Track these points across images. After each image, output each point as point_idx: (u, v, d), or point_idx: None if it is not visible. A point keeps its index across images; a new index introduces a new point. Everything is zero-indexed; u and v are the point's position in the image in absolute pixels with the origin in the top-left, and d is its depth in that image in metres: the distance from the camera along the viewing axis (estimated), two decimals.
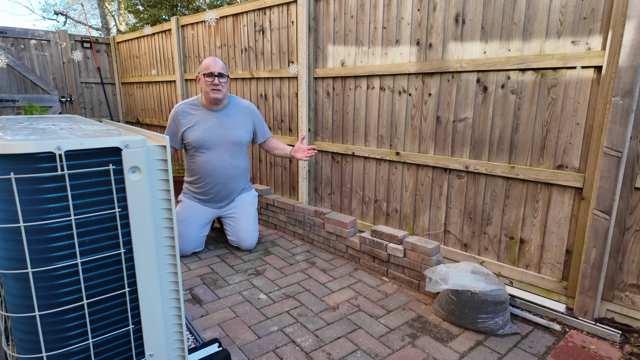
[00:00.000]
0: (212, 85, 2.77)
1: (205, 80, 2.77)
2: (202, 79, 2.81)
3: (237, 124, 2.94)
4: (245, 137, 2.98)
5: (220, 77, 2.78)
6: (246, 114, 3.01)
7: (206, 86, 2.79)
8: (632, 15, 1.79)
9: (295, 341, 1.97)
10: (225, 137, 2.89)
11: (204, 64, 2.80)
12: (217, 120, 2.89)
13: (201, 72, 2.80)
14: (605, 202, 1.96)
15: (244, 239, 3.04)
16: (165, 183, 1.26)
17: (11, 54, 5.59)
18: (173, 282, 1.33)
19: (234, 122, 2.93)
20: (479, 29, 2.32)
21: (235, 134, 2.91)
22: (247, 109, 3.04)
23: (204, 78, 2.78)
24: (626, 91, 1.84)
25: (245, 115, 3.00)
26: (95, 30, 14.66)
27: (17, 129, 1.40)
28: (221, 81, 2.79)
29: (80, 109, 6.38)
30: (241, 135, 2.94)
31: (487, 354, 1.87)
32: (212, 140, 2.85)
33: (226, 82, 2.84)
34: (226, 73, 2.83)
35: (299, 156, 2.89)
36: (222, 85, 2.80)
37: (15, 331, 1.14)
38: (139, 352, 1.31)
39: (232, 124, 2.92)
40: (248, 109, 3.04)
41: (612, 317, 2.07)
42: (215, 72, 2.75)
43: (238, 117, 2.96)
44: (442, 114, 2.57)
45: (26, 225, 1.05)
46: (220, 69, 2.78)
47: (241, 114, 2.98)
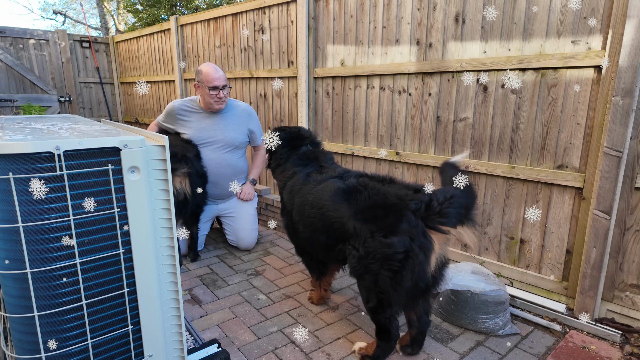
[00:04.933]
0: (216, 99, 2.79)
1: (209, 93, 2.76)
2: (203, 89, 2.79)
3: (230, 126, 2.93)
4: (239, 139, 2.96)
5: (224, 89, 2.80)
6: (242, 116, 3.00)
7: (210, 98, 2.78)
8: (632, 15, 1.79)
9: (295, 341, 1.96)
10: (216, 138, 2.89)
11: (205, 76, 2.76)
12: (210, 121, 2.90)
13: (203, 83, 2.76)
14: (605, 202, 1.96)
15: (243, 238, 3.03)
16: (165, 183, 1.25)
17: (10, 54, 5.58)
18: (172, 282, 1.33)
19: (227, 124, 2.92)
20: (479, 28, 2.32)
21: (227, 135, 2.90)
22: (244, 111, 3.03)
23: (208, 91, 2.76)
24: (626, 91, 1.84)
25: (240, 118, 2.99)
26: (94, 30, 14.63)
27: (16, 129, 1.39)
28: (224, 93, 2.82)
29: (79, 109, 6.36)
30: (233, 137, 2.93)
31: (487, 355, 1.87)
32: (202, 140, 2.86)
33: (228, 92, 2.87)
34: (228, 83, 2.84)
35: (238, 195, 3.09)
36: (226, 96, 2.85)
37: (14, 332, 1.13)
38: (138, 353, 1.30)
39: (224, 126, 2.91)
40: (245, 111, 3.04)
41: (613, 317, 2.07)
42: (219, 85, 2.76)
43: (232, 119, 2.95)
44: (442, 114, 2.56)
45: (25, 225, 1.04)
46: (224, 80, 2.79)
47: (236, 116, 2.98)
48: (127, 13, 10.56)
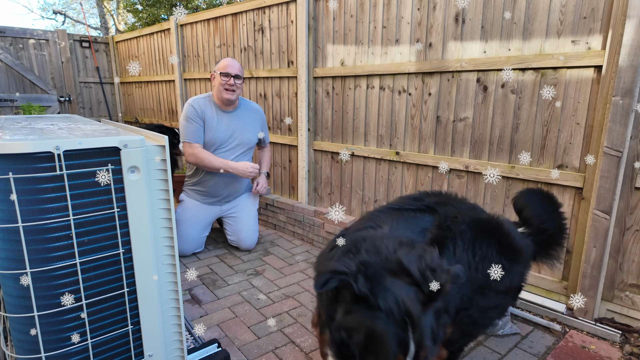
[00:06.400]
0: (227, 85, 2.79)
1: (220, 79, 2.78)
2: (217, 77, 2.81)
3: (247, 127, 2.96)
4: (254, 140, 3.03)
5: (237, 78, 2.80)
6: (256, 117, 3.06)
7: (220, 85, 2.80)
8: (632, 14, 1.79)
9: (295, 341, 1.96)
10: (234, 139, 2.91)
11: (221, 63, 2.83)
12: (227, 122, 2.90)
13: (217, 70, 2.81)
14: (605, 202, 1.96)
15: (244, 239, 3.03)
16: (164, 183, 1.25)
17: (10, 54, 5.57)
18: (172, 282, 1.33)
19: (244, 125, 2.95)
20: (479, 28, 2.32)
21: (244, 137, 2.94)
22: (257, 112, 3.09)
23: (219, 77, 2.79)
24: (626, 91, 1.84)
25: (254, 119, 3.04)
26: (94, 30, 14.62)
27: (16, 129, 1.39)
28: (236, 82, 2.81)
29: (79, 109, 6.36)
30: (250, 138, 2.98)
31: (487, 354, 1.87)
32: (220, 141, 2.86)
33: (241, 85, 2.87)
34: (242, 75, 2.86)
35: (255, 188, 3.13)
36: (237, 86, 2.83)
37: (14, 331, 1.13)
38: (138, 353, 1.30)
39: (242, 126, 2.94)
40: (258, 112, 3.10)
41: (612, 317, 2.07)
42: (232, 72, 2.77)
43: (248, 120, 2.99)
44: (442, 114, 2.56)
45: (25, 225, 1.04)
46: (238, 70, 2.81)
47: (251, 117, 3.02)
48: (127, 13, 10.56)
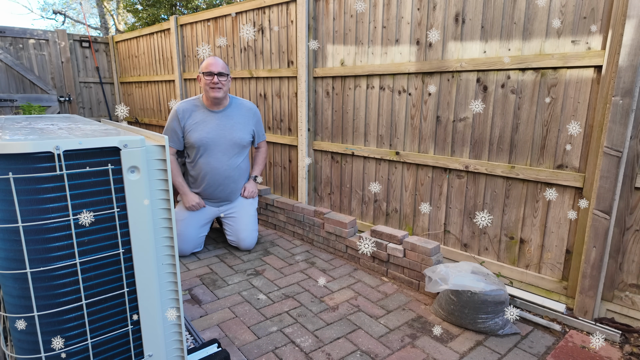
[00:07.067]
0: (211, 84, 2.77)
1: (205, 79, 2.77)
2: (202, 77, 2.80)
3: (237, 126, 2.93)
4: (246, 139, 2.98)
5: (220, 76, 2.77)
6: (248, 116, 3.01)
7: (206, 85, 2.78)
8: (632, 14, 1.79)
9: (295, 341, 1.96)
10: (225, 139, 2.88)
11: (204, 63, 2.80)
12: (217, 122, 2.88)
13: (201, 70, 2.80)
14: (605, 201, 1.96)
15: (243, 239, 3.03)
16: (164, 183, 1.25)
17: (10, 54, 5.57)
18: (172, 282, 1.33)
19: (234, 123, 2.92)
20: (478, 28, 2.32)
21: (234, 136, 2.90)
22: (249, 110, 3.04)
23: (204, 77, 2.78)
24: (626, 91, 1.84)
25: (246, 117, 3.00)
26: (94, 30, 14.63)
27: (16, 129, 1.39)
28: (221, 80, 2.78)
29: (79, 109, 6.36)
30: (241, 136, 2.94)
31: (487, 354, 1.87)
32: (211, 141, 2.85)
33: (226, 81, 2.83)
34: (226, 72, 2.82)
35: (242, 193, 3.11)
36: (222, 84, 2.79)
37: (14, 332, 1.13)
38: (138, 353, 1.30)
39: (232, 125, 2.91)
40: (250, 110, 3.05)
41: (612, 317, 2.07)
42: (215, 71, 2.75)
43: (239, 118, 2.96)
44: (442, 114, 2.56)
45: (25, 225, 1.04)
46: (221, 68, 2.78)
47: (242, 116, 2.98)
48: (126, 13, 10.56)
